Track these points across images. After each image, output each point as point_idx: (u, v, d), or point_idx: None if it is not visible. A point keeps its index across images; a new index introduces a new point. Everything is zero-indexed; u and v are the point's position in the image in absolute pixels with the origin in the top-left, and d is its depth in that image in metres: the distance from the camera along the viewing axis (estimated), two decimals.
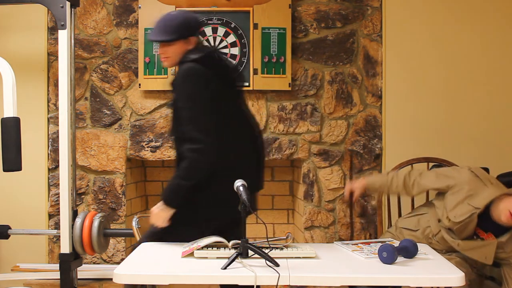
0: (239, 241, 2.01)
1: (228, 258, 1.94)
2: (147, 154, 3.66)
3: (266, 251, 1.98)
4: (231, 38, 3.61)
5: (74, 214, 3.01)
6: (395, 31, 3.63)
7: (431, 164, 3.23)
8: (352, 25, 3.66)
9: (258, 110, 3.65)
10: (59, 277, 2.97)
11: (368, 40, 3.66)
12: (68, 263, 2.92)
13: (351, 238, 3.61)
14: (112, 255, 3.65)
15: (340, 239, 3.62)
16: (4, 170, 2.62)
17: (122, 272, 1.89)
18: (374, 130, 3.66)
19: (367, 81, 3.66)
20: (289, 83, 3.60)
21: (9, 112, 2.59)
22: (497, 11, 3.60)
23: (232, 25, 3.60)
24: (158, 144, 3.66)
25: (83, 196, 3.67)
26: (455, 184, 2.49)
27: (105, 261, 3.66)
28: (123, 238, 3.63)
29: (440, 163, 3.19)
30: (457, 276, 1.83)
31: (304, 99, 3.66)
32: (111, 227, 3.38)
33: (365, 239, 3.61)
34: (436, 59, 3.62)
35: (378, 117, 3.66)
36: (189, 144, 2.18)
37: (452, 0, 3.62)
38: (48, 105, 3.70)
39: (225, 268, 1.89)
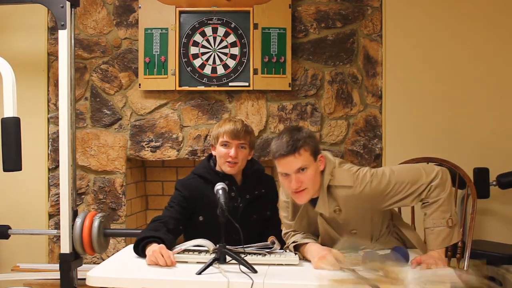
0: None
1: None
2: (147, 154, 3.66)
3: (247, 257, 1.93)
4: (231, 38, 3.61)
5: (74, 214, 3.00)
6: (395, 31, 3.62)
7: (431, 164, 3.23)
8: (352, 25, 3.66)
9: (258, 110, 3.65)
10: (59, 277, 2.96)
11: (368, 40, 3.66)
12: (68, 263, 2.90)
13: None
14: (112, 255, 3.64)
15: None
16: (4, 170, 2.61)
17: (94, 274, 1.86)
18: (374, 130, 3.66)
19: (367, 81, 3.66)
20: (289, 83, 3.60)
21: (9, 112, 2.58)
22: (497, 12, 3.60)
23: (232, 25, 3.60)
24: (158, 144, 3.66)
25: (83, 196, 3.67)
26: None
27: None
28: (123, 238, 3.63)
29: (440, 163, 3.18)
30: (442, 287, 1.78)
31: (304, 99, 3.65)
32: (111, 227, 3.37)
33: None
34: (436, 59, 3.61)
35: (378, 117, 3.66)
36: None
37: (452, 0, 3.62)
38: (48, 105, 3.70)
39: (199, 273, 1.85)
